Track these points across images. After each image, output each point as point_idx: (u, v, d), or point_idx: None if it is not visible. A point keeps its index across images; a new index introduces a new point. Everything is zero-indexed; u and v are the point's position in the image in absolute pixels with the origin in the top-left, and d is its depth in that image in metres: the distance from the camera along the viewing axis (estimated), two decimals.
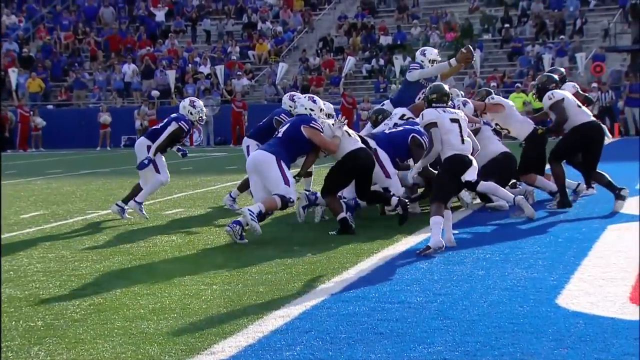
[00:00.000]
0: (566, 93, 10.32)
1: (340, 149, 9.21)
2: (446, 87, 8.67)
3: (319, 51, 36.44)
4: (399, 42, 35.58)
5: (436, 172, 8.65)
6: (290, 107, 10.56)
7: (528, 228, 9.06)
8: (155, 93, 33.79)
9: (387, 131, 10.07)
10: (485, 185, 9.48)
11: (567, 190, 10.32)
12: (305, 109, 9.33)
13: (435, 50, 11.72)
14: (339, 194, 9.44)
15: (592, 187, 11.31)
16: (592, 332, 4.97)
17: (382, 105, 11.70)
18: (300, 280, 6.71)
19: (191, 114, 11.01)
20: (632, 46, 30.86)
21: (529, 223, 9.35)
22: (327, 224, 9.57)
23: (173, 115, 11.15)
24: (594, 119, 10.31)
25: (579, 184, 10.67)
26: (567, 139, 10.24)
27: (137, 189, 10.93)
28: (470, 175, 8.13)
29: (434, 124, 8.22)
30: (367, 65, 35.24)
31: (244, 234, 8.66)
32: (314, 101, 9.42)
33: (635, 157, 18.19)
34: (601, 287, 6.10)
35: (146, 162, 10.77)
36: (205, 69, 35.56)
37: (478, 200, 10.88)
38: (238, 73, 35.07)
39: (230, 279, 6.89)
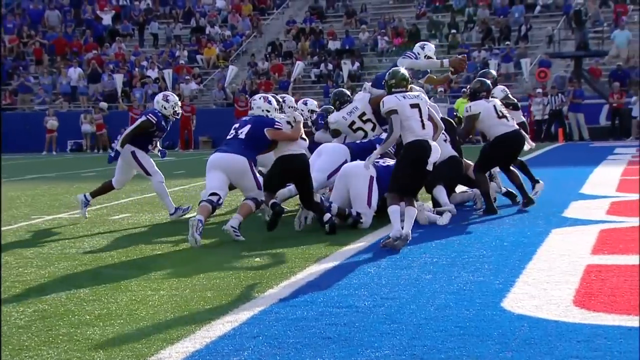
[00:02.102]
0: (490, 104, 10.56)
1: (280, 150, 9.29)
2: (404, 71, 8.71)
3: (267, 56, 36.42)
4: (347, 47, 35.74)
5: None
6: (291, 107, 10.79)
7: (474, 232, 9.15)
8: (103, 105, 33.28)
9: (383, 164, 9.71)
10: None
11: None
12: (262, 110, 9.41)
13: (434, 48, 11.47)
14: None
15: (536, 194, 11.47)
16: (537, 335, 5.03)
17: (364, 90, 11.36)
18: (249, 285, 6.70)
19: (165, 108, 11.18)
20: (576, 52, 31.33)
21: (475, 227, 9.46)
22: (278, 229, 9.56)
23: (148, 109, 11.46)
24: (515, 127, 10.63)
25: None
26: (487, 149, 10.69)
27: (108, 186, 11.21)
28: (433, 158, 8.29)
29: (395, 111, 8.29)
30: (315, 70, 35.32)
31: (201, 232, 8.65)
32: (269, 102, 9.51)
33: (579, 162, 18.49)
34: (545, 290, 6.18)
35: (112, 154, 10.99)
36: (153, 73, 35.33)
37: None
38: (186, 77, 34.93)
39: (178, 284, 6.85)
